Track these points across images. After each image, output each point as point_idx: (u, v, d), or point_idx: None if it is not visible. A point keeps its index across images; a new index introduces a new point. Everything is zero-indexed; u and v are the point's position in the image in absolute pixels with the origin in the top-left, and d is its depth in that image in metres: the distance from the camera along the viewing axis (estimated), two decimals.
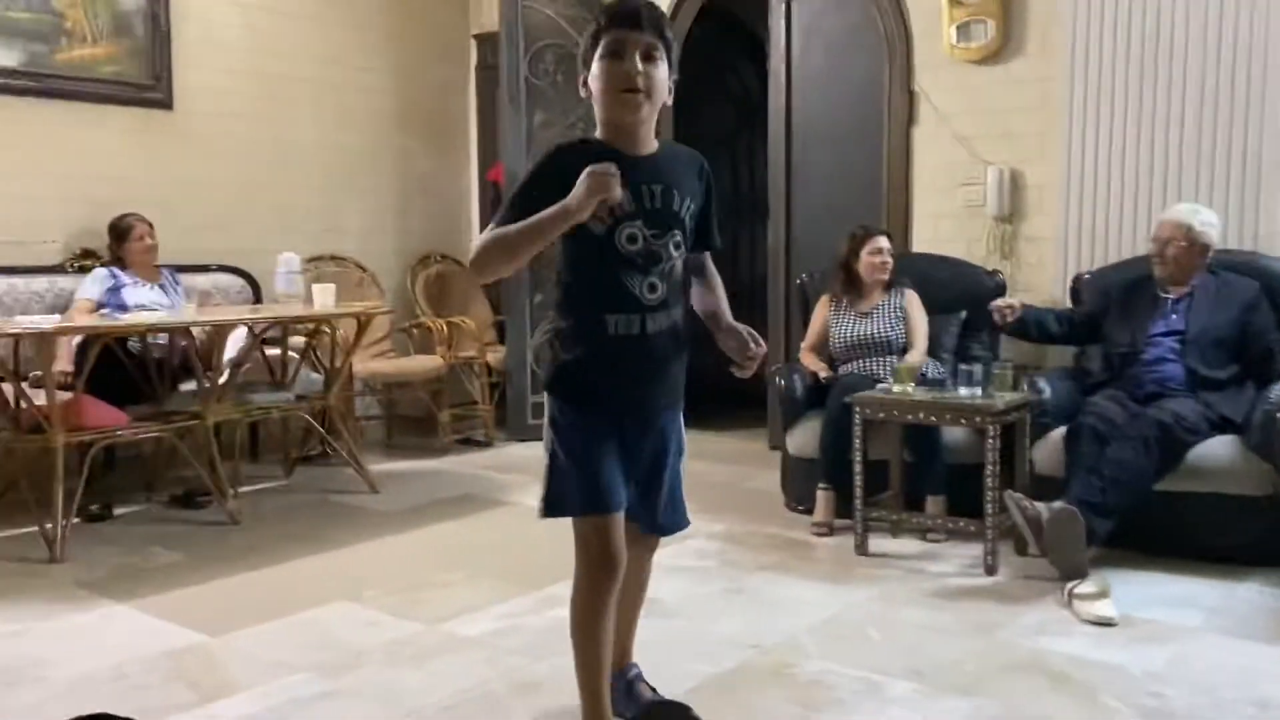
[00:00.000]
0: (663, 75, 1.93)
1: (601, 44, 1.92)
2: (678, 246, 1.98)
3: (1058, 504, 3.12)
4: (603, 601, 1.98)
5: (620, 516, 1.99)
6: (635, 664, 2.31)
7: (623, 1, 1.93)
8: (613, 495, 1.97)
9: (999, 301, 3.79)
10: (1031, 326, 3.83)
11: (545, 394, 2.05)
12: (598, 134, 2.00)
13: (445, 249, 6.24)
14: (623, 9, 1.92)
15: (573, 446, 1.98)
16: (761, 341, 2.01)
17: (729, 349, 2.03)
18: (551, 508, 2.00)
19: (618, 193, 1.83)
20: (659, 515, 2.12)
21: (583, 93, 1.99)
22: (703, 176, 2.06)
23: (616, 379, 1.99)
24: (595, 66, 1.93)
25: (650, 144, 1.99)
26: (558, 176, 1.87)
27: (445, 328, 5.62)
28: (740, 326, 2.04)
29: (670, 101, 1.99)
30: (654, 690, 2.28)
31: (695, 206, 2.01)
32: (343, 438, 4.60)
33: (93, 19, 4.84)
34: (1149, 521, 3.30)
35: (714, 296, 2.14)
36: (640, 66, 1.89)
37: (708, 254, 2.15)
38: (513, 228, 1.87)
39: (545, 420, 2.04)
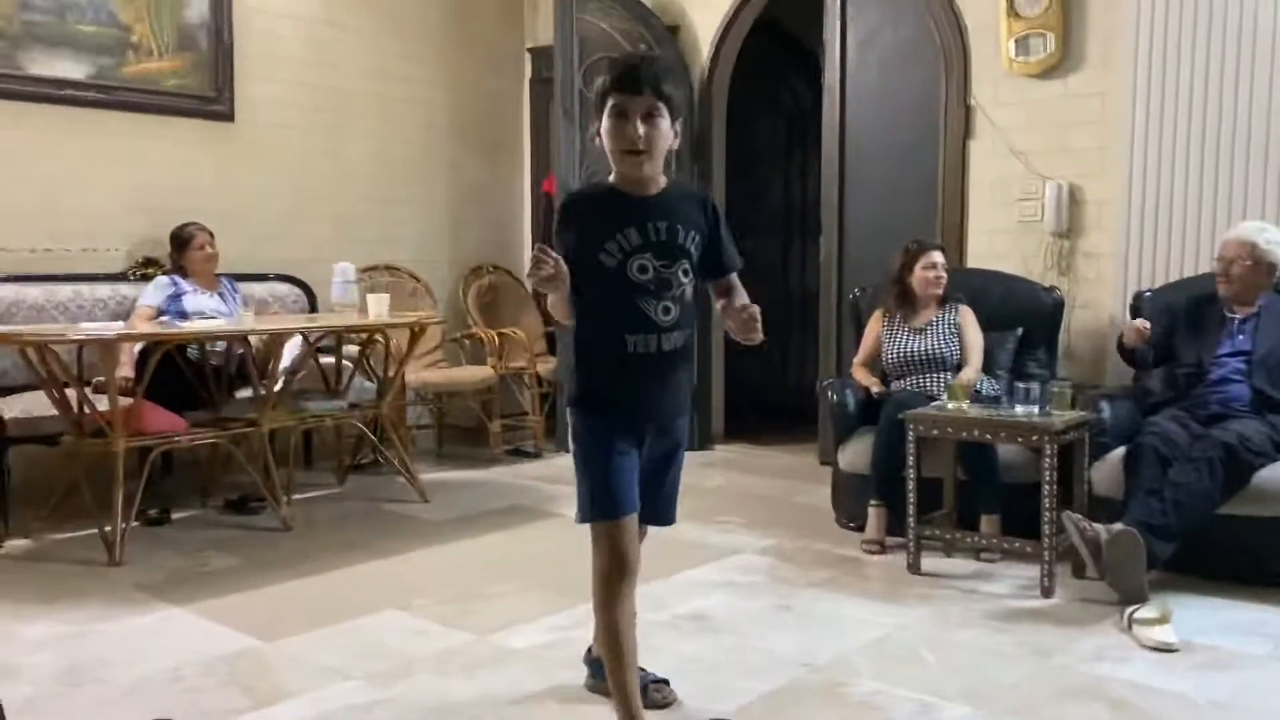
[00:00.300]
0: (665, 129, 2.13)
1: (607, 105, 2.11)
2: (686, 274, 2.18)
3: (1118, 526, 3.06)
4: (618, 599, 2.15)
5: (633, 519, 2.17)
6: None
7: (625, 66, 2.13)
8: (626, 501, 2.16)
9: (1138, 323, 3.61)
10: (1137, 354, 3.73)
11: (568, 408, 2.22)
12: (611, 178, 2.20)
13: (498, 260, 6.28)
14: (624, 75, 2.10)
15: (591, 456, 2.17)
16: (754, 316, 2.16)
17: (731, 329, 2.21)
18: (598, 511, 2.17)
19: (546, 273, 2.00)
20: (657, 511, 2.31)
21: (595, 142, 2.19)
22: (706, 209, 2.24)
23: (635, 392, 2.18)
24: (604, 124, 2.12)
25: (657, 185, 2.19)
26: (574, 222, 2.14)
27: (496, 338, 5.66)
28: (746, 305, 2.20)
29: (677, 145, 2.19)
30: (643, 670, 2.38)
31: (700, 238, 2.20)
32: (394, 446, 4.64)
33: (158, 33, 4.94)
34: (1211, 545, 3.23)
35: (732, 300, 2.29)
36: (641, 130, 2.09)
37: (734, 275, 2.31)
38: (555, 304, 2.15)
39: (570, 434, 2.23)
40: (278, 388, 4.22)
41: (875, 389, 3.99)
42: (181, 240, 4.64)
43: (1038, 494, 3.25)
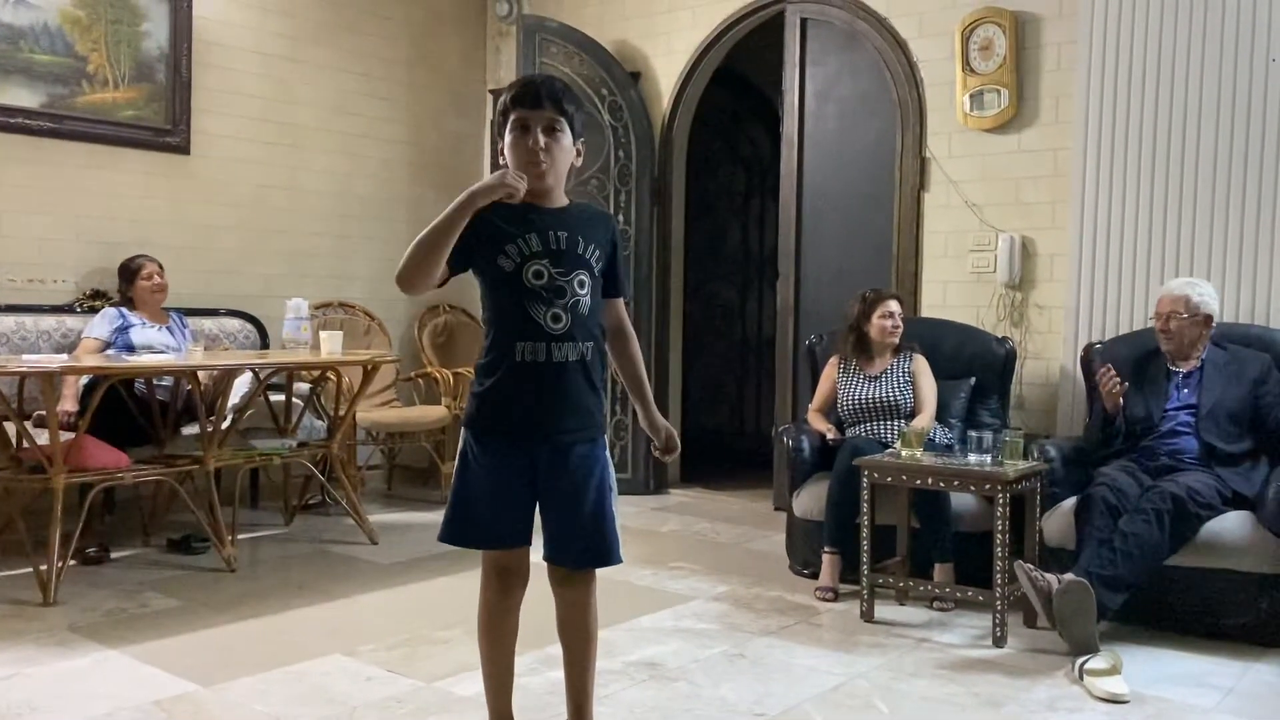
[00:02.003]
0: (566, 143, 2.15)
1: (509, 121, 2.14)
2: (582, 285, 2.15)
3: (1068, 576, 3.07)
4: (495, 619, 2.25)
5: (514, 551, 2.20)
6: None
7: (525, 82, 2.17)
8: (504, 534, 2.18)
9: (1107, 381, 3.52)
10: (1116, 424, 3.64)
11: (462, 429, 2.22)
12: None
13: (453, 300, 6.25)
14: (524, 90, 2.14)
15: (476, 484, 2.17)
16: (676, 444, 2.32)
17: (650, 434, 2.32)
18: (449, 535, 2.21)
19: (521, 189, 2.05)
20: (577, 549, 2.19)
21: (501, 161, 2.19)
22: (609, 233, 2.25)
23: (525, 404, 2.13)
24: (507, 139, 2.15)
25: (560, 201, 2.21)
26: (478, 224, 2.08)
27: (451, 378, 5.61)
28: (661, 424, 2.31)
29: (579, 162, 2.22)
30: None
31: (602, 255, 2.20)
32: (343, 487, 4.56)
33: (115, 63, 4.90)
34: (1160, 597, 3.26)
35: (630, 366, 2.32)
36: (542, 141, 2.11)
37: (621, 306, 2.32)
38: (427, 228, 2.06)
39: (457, 454, 2.22)
40: (225, 425, 4.14)
41: (830, 435, 4.00)
42: (130, 271, 4.56)
43: (990, 543, 3.27)
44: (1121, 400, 3.56)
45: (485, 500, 2.16)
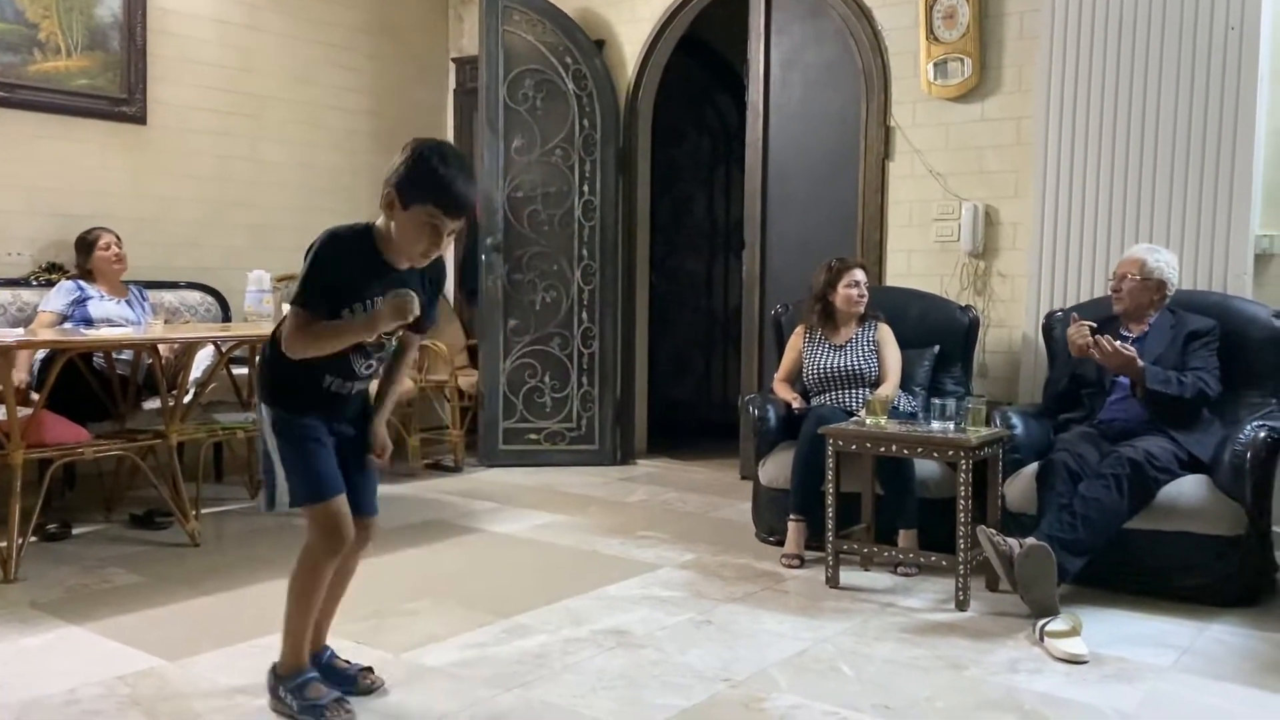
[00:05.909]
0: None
1: (425, 209, 2.23)
2: (398, 334, 2.44)
3: (1030, 540, 3.11)
4: (326, 570, 2.43)
5: (343, 498, 2.40)
6: (328, 646, 2.59)
7: (455, 194, 2.24)
8: (334, 482, 2.38)
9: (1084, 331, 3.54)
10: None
11: (263, 405, 2.40)
12: (378, 232, 2.34)
13: None
14: (458, 199, 2.25)
15: (297, 447, 2.36)
16: (387, 451, 2.56)
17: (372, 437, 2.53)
18: (292, 499, 2.37)
19: (416, 311, 2.27)
20: (364, 500, 2.51)
21: (385, 208, 2.30)
22: (437, 274, 2.49)
23: (323, 409, 2.40)
24: (412, 212, 2.24)
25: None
26: (335, 261, 2.28)
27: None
28: (381, 435, 2.52)
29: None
30: (348, 662, 2.59)
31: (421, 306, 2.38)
32: None
33: (67, 31, 4.79)
34: (1119, 560, 3.31)
35: (394, 384, 2.55)
36: (446, 241, 2.31)
37: (417, 341, 2.56)
38: (324, 327, 2.27)
39: (267, 426, 2.39)
40: (187, 399, 4.09)
41: (796, 404, 4.02)
42: (87, 243, 4.49)
43: (953, 509, 3.31)
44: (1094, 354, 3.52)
45: (317, 456, 2.37)
